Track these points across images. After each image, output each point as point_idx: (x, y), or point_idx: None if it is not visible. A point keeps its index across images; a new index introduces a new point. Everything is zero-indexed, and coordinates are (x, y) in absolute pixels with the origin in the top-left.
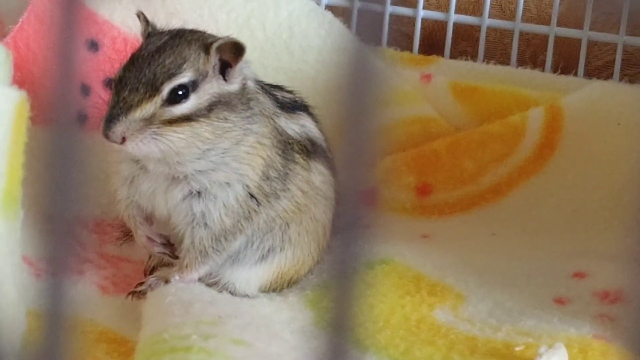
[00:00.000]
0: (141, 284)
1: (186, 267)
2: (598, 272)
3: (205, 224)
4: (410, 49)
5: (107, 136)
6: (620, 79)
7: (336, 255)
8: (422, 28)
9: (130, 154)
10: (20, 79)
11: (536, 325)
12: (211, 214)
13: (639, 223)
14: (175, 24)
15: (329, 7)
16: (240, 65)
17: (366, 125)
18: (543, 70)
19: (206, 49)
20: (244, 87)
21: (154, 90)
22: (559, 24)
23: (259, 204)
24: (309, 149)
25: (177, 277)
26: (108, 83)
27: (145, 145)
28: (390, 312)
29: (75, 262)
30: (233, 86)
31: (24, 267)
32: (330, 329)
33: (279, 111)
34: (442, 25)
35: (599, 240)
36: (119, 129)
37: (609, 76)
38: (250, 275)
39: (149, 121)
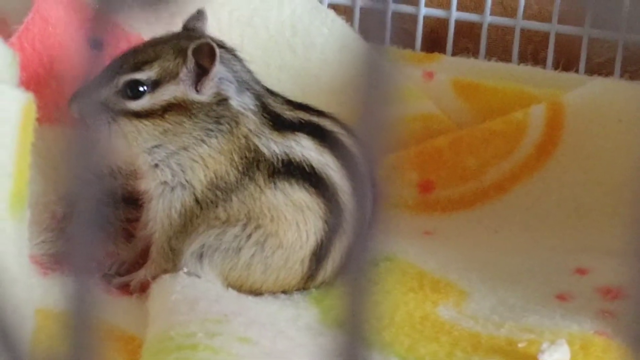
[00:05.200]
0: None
1: (152, 263)
2: (600, 269)
3: (156, 222)
4: (412, 47)
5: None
6: (621, 76)
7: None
8: (424, 26)
9: None
10: (26, 80)
11: (538, 321)
12: (158, 213)
13: (639, 219)
14: (177, 23)
15: (331, 5)
16: (216, 75)
17: (376, 122)
18: (544, 68)
19: (184, 52)
20: (219, 103)
21: (112, 79)
22: (560, 21)
23: (201, 209)
24: (278, 169)
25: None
26: None
27: (98, 127)
28: (394, 309)
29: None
30: (201, 96)
31: (30, 266)
32: (346, 327)
33: (266, 131)
34: (443, 22)
35: (601, 236)
36: (75, 105)
37: (610, 73)
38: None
39: (102, 106)
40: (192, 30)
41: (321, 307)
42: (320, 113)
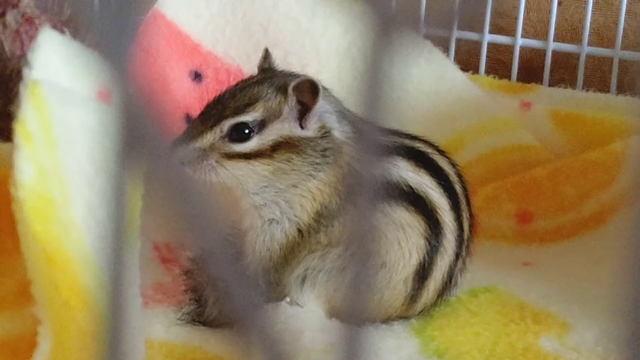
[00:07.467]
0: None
1: None
2: None
3: (254, 255)
4: (508, 77)
5: None
6: None
7: None
8: (520, 56)
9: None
10: None
11: None
12: (257, 246)
13: None
14: (277, 54)
15: (427, 36)
16: (318, 109)
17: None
18: None
19: (284, 90)
20: (323, 136)
21: (217, 124)
22: None
23: (303, 237)
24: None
25: None
26: None
27: (204, 173)
28: (496, 341)
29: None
30: (306, 132)
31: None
32: None
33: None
34: (539, 53)
35: None
36: (178, 154)
37: None
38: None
39: (208, 152)
40: (270, 70)
41: (422, 338)
42: (412, 137)
